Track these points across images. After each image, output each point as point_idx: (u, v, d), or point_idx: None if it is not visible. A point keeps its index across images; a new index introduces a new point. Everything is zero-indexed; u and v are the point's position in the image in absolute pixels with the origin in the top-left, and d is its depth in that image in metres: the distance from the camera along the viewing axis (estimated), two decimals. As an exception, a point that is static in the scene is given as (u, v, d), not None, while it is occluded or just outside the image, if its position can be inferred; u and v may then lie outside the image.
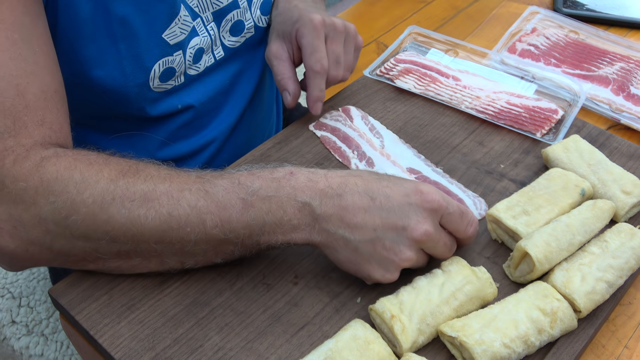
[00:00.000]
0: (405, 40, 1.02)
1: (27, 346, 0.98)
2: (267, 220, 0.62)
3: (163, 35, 0.73)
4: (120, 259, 0.63)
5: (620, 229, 0.68)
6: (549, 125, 0.86)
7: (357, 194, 0.62)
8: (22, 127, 0.61)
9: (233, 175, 0.63)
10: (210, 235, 0.61)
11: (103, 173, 0.61)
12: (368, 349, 0.58)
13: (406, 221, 0.61)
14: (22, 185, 0.59)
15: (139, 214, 0.60)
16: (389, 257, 0.62)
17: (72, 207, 0.59)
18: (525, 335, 0.59)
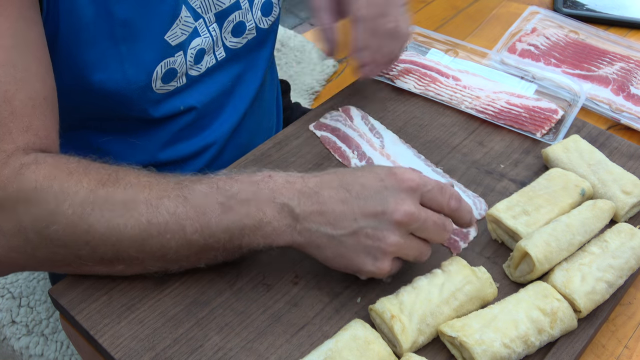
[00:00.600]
0: (405, 40, 1.02)
1: (27, 346, 0.98)
2: (247, 223, 0.61)
3: (165, 36, 0.73)
4: (103, 266, 0.63)
5: (620, 229, 0.68)
6: (549, 125, 0.86)
7: (334, 189, 0.62)
8: (6, 134, 0.60)
9: (211, 180, 0.63)
10: (191, 241, 0.61)
11: (82, 183, 0.60)
12: (368, 349, 0.58)
13: (384, 205, 0.60)
14: (1, 194, 0.59)
15: (118, 223, 0.60)
16: (374, 245, 0.61)
17: (52, 218, 0.59)
18: (525, 335, 0.59)
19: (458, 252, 0.71)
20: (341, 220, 0.61)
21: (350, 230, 0.61)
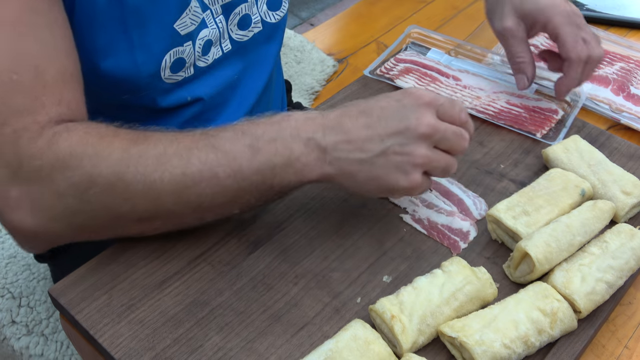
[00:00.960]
0: (405, 40, 1.02)
1: (27, 346, 0.98)
2: (277, 162, 0.63)
3: (174, 25, 0.74)
4: (142, 224, 0.65)
5: (620, 229, 0.68)
6: (549, 126, 0.86)
7: (355, 117, 0.64)
8: (40, 106, 0.62)
9: (235, 126, 0.65)
10: (225, 187, 0.63)
11: (115, 144, 0.62)
12: (368, 349, 0.58)
13: (407, 122, 0.63)
14: (38, 163, 0.60)
15: (154, 178, 0.61)
16: (404, 160, 0.63)
17: (90, 181, 0.61)
18: (525, 336, 0.59)
19: (458, 253, 0.71)
20: (369, 144, 0.63)
21: (379, 151, 0.63)
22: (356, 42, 1.17)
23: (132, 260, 0.68)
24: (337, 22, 1.26)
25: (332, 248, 0.70)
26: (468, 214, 0.75)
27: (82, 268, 0.67)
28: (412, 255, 0.70)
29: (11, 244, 1.12)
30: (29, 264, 1.08)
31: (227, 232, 0.71)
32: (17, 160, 0.61)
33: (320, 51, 1.21)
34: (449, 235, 0.72)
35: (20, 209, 0.61)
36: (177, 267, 0.68)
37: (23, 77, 0.61)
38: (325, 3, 3.00)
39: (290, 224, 0.73)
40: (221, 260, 0.68)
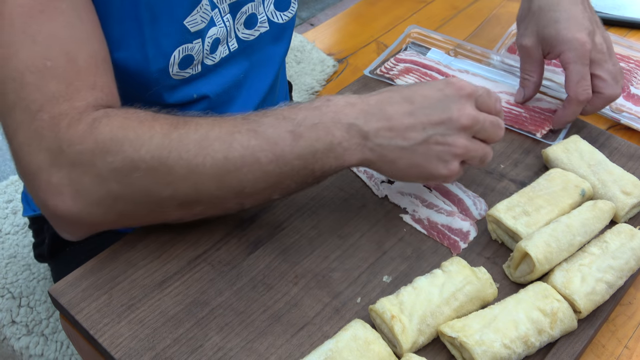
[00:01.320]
0: (405, 40, 1.02)
1: (27, 346, 0.98)
2: (318, 147, 0.63)
3: (184, 21, 0.74)
4: (182, 210, 0.65)
5: (620, 229, 0.68)
6: (549, 126, 0.86)
7: (397, 103, 0.65)
8: (75, 92, 0.62)
9: (276, 111, 0.65)
10: (267, 172, 0.63)
11: (155, 128, 0.62)
12: (368, 349, 0.58)
13: (449, 112, 0.65)
14: (79, 148, 0.61)
15: (197, 163, 0.61)
16: (445, 150, 0.65)
17: (132, 165, 0.61)
18: (525, 336, 0.59)
19: (458, 253, 0.71)
20: (411, 132, 0.64)
21: (421, 140, 0.64)
22: (356, 42, 1.17)
23: (132, 260, 0.68)
24: (337, 22, 1.26)
25: (332, 248, 0.70)
26: (468, 214, 0.75)
27: (82, 268, 0.67)
28: (412, 255, 0.70)
29: (11, 244, 1.12)
30: (29, 264, 1.08)
31: (227, 232, 0.71)
32: (57, 146, 0.61)
33: (320, 51, 1.21)
34: (449, 235, 0.72)
35: (62, 194, 0.61)
36: (177, 267, 0.68)
37: (56, 63, 0.61)
38: (325, 3, 3.00)
39: (290, 224, 0.73)
40: (221, 260, 0.69)
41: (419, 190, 0.77)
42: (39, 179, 0.62)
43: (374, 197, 0.77)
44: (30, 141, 0.61)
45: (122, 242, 0.70)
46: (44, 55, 0.61)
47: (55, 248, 0.96)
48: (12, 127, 0.62)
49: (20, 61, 0.61)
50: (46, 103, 0.61)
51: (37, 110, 0.61)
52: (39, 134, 0.61)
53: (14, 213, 1.17)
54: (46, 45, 0.61)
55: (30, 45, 0.61)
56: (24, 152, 0.62)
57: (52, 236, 0.95)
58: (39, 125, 0.61)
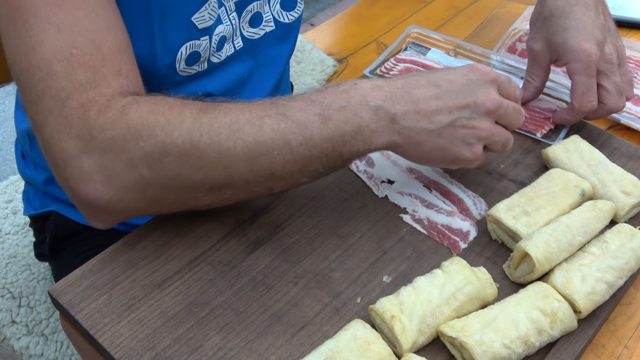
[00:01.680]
0: (405, 40, 1.02)
1: (27, 346, 0.98)
2: (347, 130, 0.64)
3: (192, 18, 0.75)
4: (212, 195, 0.65)
5: (620, 229, 0.68)
6: (549, 126, 0.86)
7: (423, 87, 0.66)
8: (101, 79, 0.63)
9: (303, 95, 0.66)
10: (297, 155, 0.63)
11: (185, 113, 0.62)
12: (368, 349, 0.58)
13: (474, 97, 0.67)
14: (110, 134, 0.61)
15: (228, 146, 0.62)
16: (470, 133, 0.67)
17: (163, 149, 0.61)
18: (525, 336, 0.59)
19: (458, 253, 0.71)
20: (437, 115, 0.66)
21: (447, 123, 0.66)
22: (356, 42, 1.17)
23: (132, 261, 0.68)
24: (337, 22, 1.26)
25: (332, 248, 0.70)
26: (468, 214, 0.75)
27: (82, 268, 0.67)
28: (412, 255, 0.70)
29: (11, 244, 1.12)
30: (29, 264, 1.08)
31: (227, 232, 0.71)
32: (88, 132, 0.61)
33: (320, 51, 1.21)
34: (449, 235, 0.72)
35: (94, 181, 0.62)
36: (177, 267, 0.68)
37: (82, 51, 0.62)
38: (325, 3, 3.00)
39: (290, 224, 0.73)
40: (221, 260, 0.68)
41: (419, 190, 0.77)
42: (70, 167, 0.62)
43: (374, 197, 0.77)
44: (60, 129, 0.61)
45: (122, 242, 0.70)
46: (70, 43, 0.62)
47: (55, 247, 0.96)
48: (41, 116, 0.62)
49: (47, 50, 0.61)
50: (74, 91, 0.61)
51: (66, 98, 0.61)
52: (68, 122, 0.61)
53: (14, 213, 1.17)
54: (71, 34, 0.62)
55: (56, 34, 0.61)
56: (53, 140, 0.62)
57: (53, 235, 0.95)
58: (69, 113, 0.61)
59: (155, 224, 0.72)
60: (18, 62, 0.63)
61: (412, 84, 0.67)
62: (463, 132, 0.67)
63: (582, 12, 0.81)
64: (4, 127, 2.27)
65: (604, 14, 0.83)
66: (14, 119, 0.98)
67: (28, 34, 0.61)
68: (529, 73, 0.86)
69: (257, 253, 0.69)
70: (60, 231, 0.94)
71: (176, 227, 0.71)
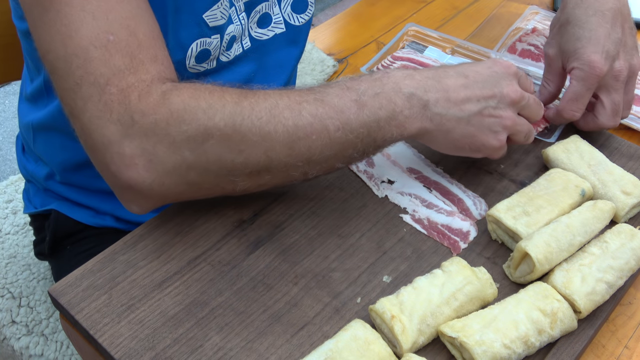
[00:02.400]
0: (402, 38, 1.02)
1: (27, 346, 0.98)
2: (381, 115, 0.66)
3: (204, 15, 0.75)
4: (250, 179, 0.66)
5: (621, 229, 0.68)
6: (545, 124, 0.85)
7: (452, 77, 0.70)
8: (139, 64, 0.63)
9: (339, 83, 0.68)
10: (334, 140, 0.65)
11: (226, 97, 0.64)
12: (368, 350, 0.58)
13: (500, 88, 0.71)
14: (152, 118, 0.62)
15: (269, 130, 0.63)
16: (496, 122, 0.70)
17: (206, 133, 0.62)
18: (525, 336, 0.59)
19: (458, 253, 0.71)
20: (467, 103, 0.69)
21: (476, 111, 0.69)
22: (356, 42, 1.17)
23: (132, 261, 0.68)
24: (337, 22, 1.26)
25: (332, 248, 0.70)
26: (468, 214, 0.75)
27: (82, 268, 0.67)
28: (412, 255, 0.70)
29: (11, 244, 1.12)
30: (29, 264, 1.08)
31: (227, 232, 0.71)
32: (129, 117, 0.62)
33: (320, 51, 1.21)
34: (449, 235, 0.72)
35: (135, 165, 0.62)
36: (177, 267, 0.68)
37: (119, 37, 0.62)
38: (325, 3, 3.00)
39: (290, 224, 0.73)
40: (221, 260, 0.68)
41: (419, 190, 0.77)
42: (111, 152, 0.62)
43: (374, 197, 0.77)
44: (100, 114, 0.62)
45: (122, 242, 0.70)
46: (107, 30, 0.62)
47: (55, 246, 0.96)
48: (80, 102, 0.63)
49: (83, 37, 0.62)
50: (113, 76, 0.62)
51: (105, 83, 0.62)
52: (108, 107, 0.62)
53: (14, 213, 1.17)
54: (107, 20, 0.62)
55: (91, 21, 0.62)
56: (93, 126, 0.62)
57: (53, 234, 0.95)
58: (109, 99, 0.62)
59: (155, 223, 0.72)
60: (53, 51, 0.63)
61: (441, 74, 0.70)
62: (490, 121, 0.70)
63: (598, 23, 0.79)
64: (4, 127, 2.27)
65: (622, 27, 0.80)
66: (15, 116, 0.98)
67: (63, 23, 0.62)
68: (544, 78, 0.86)
69: (257, 253, 0.69)
70: (60, 230, 0.94)
71: (176, 227, 0.71)
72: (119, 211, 0.92)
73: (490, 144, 0.71)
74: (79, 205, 0.93)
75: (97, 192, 0.91)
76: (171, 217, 0.72)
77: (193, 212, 0.73)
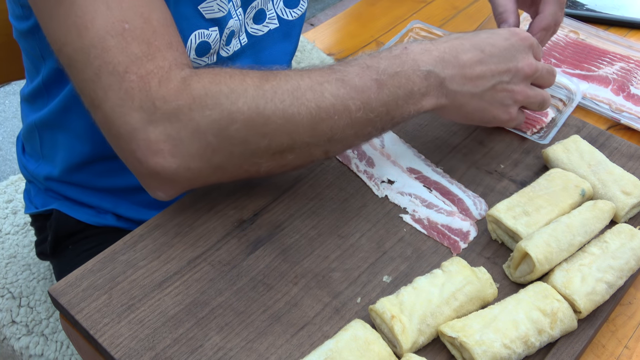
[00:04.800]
0: (407, 35, 1.02)
1: (27, 346, 0.98)
2: (400, 94, 0.68)
3: (199, 6, 0.76)
4: (274, 160, 0.67)
5: (621, 229, 0.68)
6: (540, 124, 0.85)
7: (469, 51, 0.71)
8: (156, 51, 0.63)
9: (359, 61, 0.68)
10: (355, 119, 0.66)
11: (247, 81, 0.64)
12: (368, 350, 0.58)
13: (515, 62, 0.72)
14: (175, 104, 0.62)
15: (292, 112, 0.64)
16: (508, 96, 0.73)
17: (230, 117, 0.62)
18: (525, 336, 0.59)
19: (458, 253, 0.71)
20: (481, 79, 0.71)
21: (490, 85, 0.72)
22: (356, 42, 1.17)
23: (132, 261, 0.68)
24: (337, 22, 1.26)
25: (332, 248, 0.70)
26: (468, 214, 0.75)
27: (82, 268, 0.67)
28: (412, 255, 0.70)
29: (11, 244, 1.12)
30: (29, 264, 1.08)
31: (227, 232, 0.71)
32: (151, 103, 0.62)
33: (320, 51, 1.21)
34: (449, 235, 0.72)
35: (161, 150, 0.63)
36: (177, 267, 0.68)
37: (134, 25, 0.63)
38: (325, 3, 3.00)
39: (290, 224, 0.73)
40: (221, 260, 0.69)
41: (419, 190, 0.77)
42: (136, 139, 0.63)
43: (374, 197, 0.77)
44: (122, 102, 0.62)
45: (122, 242, 0.70)
46: (121, 19, 0.62)
47: (57, 245, 0.96)
48: (101, 92, 0.63)
49: (99, 27, 0.62)
50: (131, 64, 0.62)
51: (124, 71, 0.62)
52: (130, 95, 0.62)
53: (14, 213, 1.17)
54: (121, 9, 0.62)
55: (106, 11, 0.62)
56: (116, 115, 0.63)
57: (54, 234, 0.95)
58: (129, 86, 0.62)
59: (155, 223, 0.72)
60: (70, 43, 0.63)
61: (458, 48, 0.70)
62: (502, 95, 0.72)
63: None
64: (4, 127, 2.27)
65: None
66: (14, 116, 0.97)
67: (77, 14, 0.62)
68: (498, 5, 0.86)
69: (257, 253, 0.69)
70: (62, 229, 0.94)
71: (176, 227, 0.71)
72: (120, 209, 0.93)
73: (500, 117, 0.74)
74: (80, 204, 0.94)
75: (98, 191, 0.91)
76: (171, 217, 0.72)
77: (193, 212, 0.73)
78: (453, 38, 0.72)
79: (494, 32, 0.73)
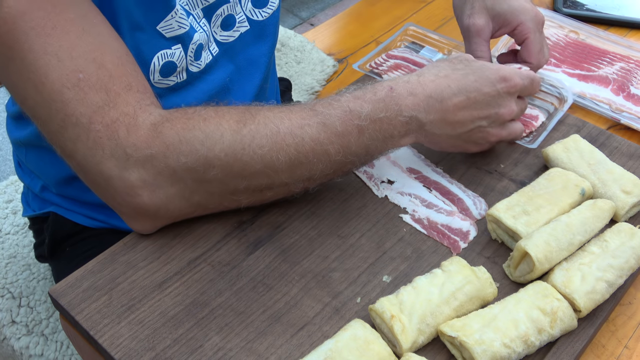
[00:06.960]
0: (400, 37, 1.02)
1: (27, 346, 0.98)
2: (380, 137, 0.69)
3: (158, 27, 0.74)
4: (253, 197, 0.69)
5: (620, 228, 0.68)
6: (529, 128, 0.85)
7: (455, 96, 0.71)
8: (116, 97, 0.63)
9: (341, 103, 0.68)
10: (334, 162, 0.68)
11: (223, 125, 0.64)
12: (368, 349, 0.58)
13: (497, 109, 0.73)
14: (147, 152, 0.62)
15: (271, 157, 0.64)
16: (483, 136, 0.75)
17: (207, 163, 0.63)
18: (525, 335, 0.59)
19: (458, 252, 0.71)
20: (462, 124, 0.72)
21: (468, 129, 0.73)
22: (356, 42, 1.17)
23: (132, 261, 0.68)
24: (337, 22, 1.26)
25: (332, 248, 0.70)
26: (468, 213, 0.75)
27: (82, 269, 0.67)
28: (412, 255, 0.70)
29: (11, 244, 1.12)
30: (29, 264, 1.08)
31: (227, 232, 0.71)
32: (122, 152, 0.62)
33: (320, 51, 1.21)
34: (449, 235, 0.72)
35: (140, 195, 0.64)
36: (177, 267, 0.68)
37: (88, 73, 0.62)
38: (325, 3, 3.00)
39: (290, 224, 0.73)
40: (221, 261, 0.69)
41: (419, 190, 0.77)
42: (113, 186, 0.63)
43: (374, 197, 0.77)
44: (92, 152, 0.62)
45: (122, 243, 0.70)
46: (74, 69, 0.61)
47: (55, 248, 0.96)
48: (70, 144, 0.63)
49: (54, 81, 0.61)
50: (94, 114, 0.62)
51: (89, 122, 0.62)
52: (99, 144, 0.62)
53: (14, 213, 1.17)
54: (71, 59, 0.62)
55: (57, 64, 0.61)
56: (90, 164, 0.63)
57: (52, 236, 0.95)
58: (96, 136, 0.62)
59: (155, 224, 0.72)
60: (30, 98, 0.63)
61: (444, 91, 0.70)
62: (477, 137, 0.74)
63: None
64: (3, 127, 2.28)
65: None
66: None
67: (30, 70, 0.61)
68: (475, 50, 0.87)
69: (257, 253, 0.69)
70: (59, 232, 0.94)
71: (176, 228, 0.71)
72: (113, 220, 0.92)
73: (471, 150, 0.77)
74: (76, 213, 0.93)
75: (90, 204, 0.91)
76: (171, 217, 0.72)
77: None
78: (440, 75, 0.72)
79: (483, 75, 0.72)
